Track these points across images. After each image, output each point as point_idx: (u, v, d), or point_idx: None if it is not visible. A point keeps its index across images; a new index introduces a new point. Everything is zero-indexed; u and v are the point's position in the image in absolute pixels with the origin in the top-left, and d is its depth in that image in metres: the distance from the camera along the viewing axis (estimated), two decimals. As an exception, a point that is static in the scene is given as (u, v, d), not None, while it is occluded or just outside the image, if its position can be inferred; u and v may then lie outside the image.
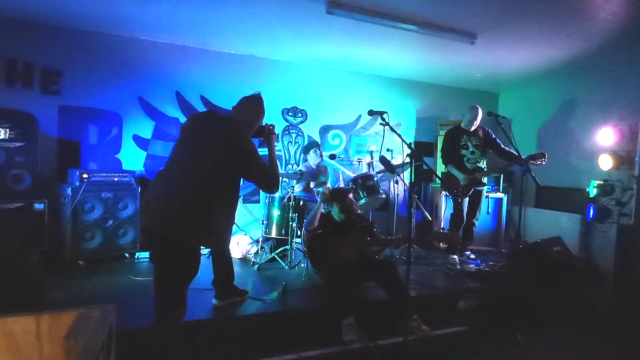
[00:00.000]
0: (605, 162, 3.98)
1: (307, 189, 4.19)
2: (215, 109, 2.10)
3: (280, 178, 2.09)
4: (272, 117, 4.72)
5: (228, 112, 2.12)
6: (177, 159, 1.83)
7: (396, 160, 4.82)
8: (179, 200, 1.69)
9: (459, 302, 3.14)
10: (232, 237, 4.00)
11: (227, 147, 1.80)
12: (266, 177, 1.92)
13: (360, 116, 5.16)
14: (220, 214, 1.78)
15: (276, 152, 2.15)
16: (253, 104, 2.07)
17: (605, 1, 2.86)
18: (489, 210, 4.73)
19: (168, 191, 1.71)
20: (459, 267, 3.79)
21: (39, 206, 3.18)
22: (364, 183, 3.69)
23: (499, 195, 4.78)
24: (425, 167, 2.51)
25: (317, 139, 4.95)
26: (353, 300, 2.62)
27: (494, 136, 3.97)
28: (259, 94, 2.10)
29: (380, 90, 5.21)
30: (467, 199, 3.92)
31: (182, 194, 1.70)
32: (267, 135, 2.14)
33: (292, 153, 4.85)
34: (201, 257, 1.87)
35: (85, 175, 3.40)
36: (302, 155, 4.46)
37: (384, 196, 3.81)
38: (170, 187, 1.72)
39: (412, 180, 2.36)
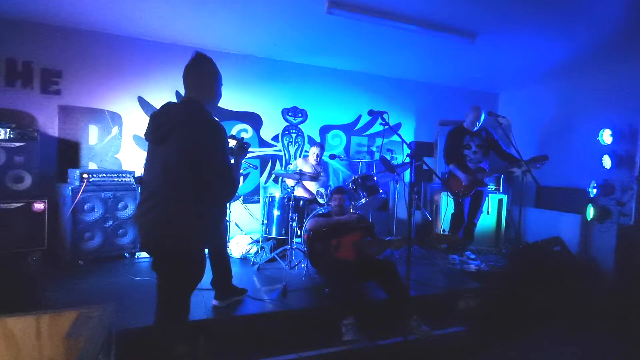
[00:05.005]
0: (605, 162, 3.98)
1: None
2: (170, 102, 1.88)
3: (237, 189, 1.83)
4: (272, 117, 4.73)
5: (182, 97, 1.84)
6: (153, 167, 1.73)
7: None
8: (166, 211, 1.64)
9: (459, 302, 3.14)
10: (232, 237, 4.03)
11: (196, 137, 1.65)
12: (227, 176, 1.71)
13: (360, 116, 5.17)
14: (209, 210, 1.74)
15: (241, 168, 1.94)
16: (197, 68, 1.79)
17: (605, 1, 2.86)
18: (489, 210, 4.72)
19: (154, 206, 1.64)
20: (459, 267, 3.79)
21: (39, 206, 3.19)
22: (364, 183, 3.69)
23: (499, 195, 4.78)
24: (425, 167, 2.50)
25: (317, 139, 4.96)
26: (353, 300, 2.62)
27: (496, 137, 3.97)
28: (195, 53, 1.80)
29: (380, 90, 5.21)
30: (468, 199, 3.92)
31: (167, 204, 1.64)
32: (237, 147, 1.97)
33: (292, 153, 4.85)
34: (206, 261, 1.84)
35: (85, 175, 3.39)
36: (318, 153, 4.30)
37: (384, 196, 3.81)
38: (155, 199, 1.65)
39: (412, 180, 2.36)
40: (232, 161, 1.85)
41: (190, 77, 1.79)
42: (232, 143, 1.95)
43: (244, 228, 4.32)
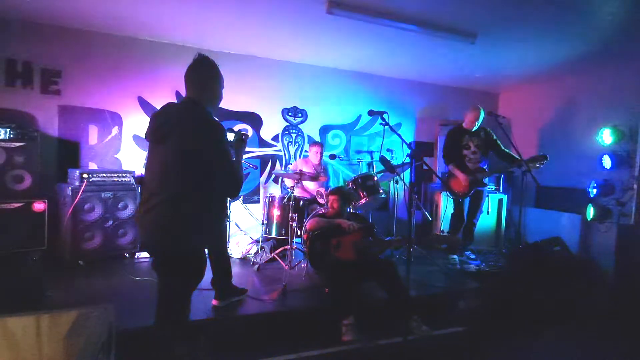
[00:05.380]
0: (605, 162, 3.98)
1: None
2: (171, 102, 1.90)
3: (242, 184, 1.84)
4: (272, 117, 4.73)
5: (183, 97, 1.84)
6: (153, 167, 1.74)
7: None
8: (166, 211, 1.64)
9: (459, 302, 3.14)
10: (231, 237, 4.03)
11: (195, 137, 1.66)
12: (231, 174, 1.73)
13: (360, 116, 5.17)
14: (209, 210, 1.73)
15: (242, 161, 1.95)
16: (199, 70, 1.79)
17: (605, 1, 2.86)
18: (489, 210, 4.72)
19: (154, 205, 1.65)
20: (459, 267, 3.79)
21: (39, 206, 3.19)
22: (364, 183, 3.69)
23: (499, 195, 4.78)
24: (425, 167, 2.50)
25: (317, 139, 4.96)
26: (353, 300, 2.62)
27: (495, 137, 3.97)
28: (198, 54, 1.80)
29: (380, 90, 5.21)
30: (468, 199, 3.92)
31: (166, 204, 1.64)
32: (236, 139, 1.94)
33: (292, 153, 4.86)
34: (206, 261, 1.84)
35: (85, 175, 3.39)
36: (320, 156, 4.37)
37: (384, 196, 3.81)
38: (154, 199, 1.66)
39: (412, 180, 2.36)
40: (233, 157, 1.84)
41: (191, 78, 1.80)
42: (230, 136, 1.95)
43: (244, 228, 4.32)
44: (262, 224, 3.85)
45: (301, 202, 3.74)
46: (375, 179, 3.78)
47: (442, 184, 4.49)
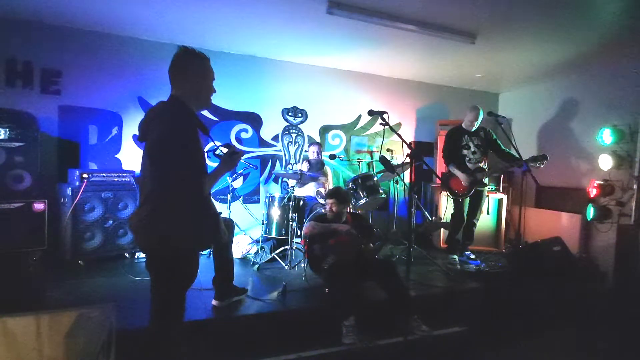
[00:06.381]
0: (605, 162, 3.98)
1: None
2: (162, 101, 1.87)
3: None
4: (272, 117, 4.73)
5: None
6: (141, 169, 1.71)
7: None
8: (149, 211, 1.60)
9: (459, 302, 3.13)
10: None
11: (165, 136, 1.60)
12: (189, 176, 1.60)
13: (360, 116, 5.17)
14: (190, 210, 1.63)
15: (220, 176, 1.81)
16: (179, 64, 1.74)
17: (605, 1, 2.86)
18: (489, 210, 4.72)
19: (140, 207, 1.63)
20: (459, 267, 3.78)
21: (39, 206, 3.19)
22: (364, 183, 3.69)
23: (499, 195, 4.78)
24: (425, 167, 2.50)
25: (317, 139, 4.96)
26: (353, 301, 2.62)
27: (494, 137, 3.97)
28: (179, 48, 1.76)
29: (380, 90, 5.21)
30: (468, 199, 3.91)
31: (149, 204, 1.60)
32: (228, 154, 1.83)
33: (292, 153, 4.86)
34: (199, 262, 1.77)
35: (85, 175, 3.40)
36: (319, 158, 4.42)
37: (384, 196, 3.81)
38: (142, 202, 1.64)
39: (412, 180, 2.36)
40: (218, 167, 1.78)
41: (172, 73, 1.75)
42: (223, 150, 1.90)
43: (244, 228, 4.31)
44: (262, 224, 3.85)
45: (301, 202, 3.74)
46: (375, 179, 3.78)
47: (442, 184, 4.49)
